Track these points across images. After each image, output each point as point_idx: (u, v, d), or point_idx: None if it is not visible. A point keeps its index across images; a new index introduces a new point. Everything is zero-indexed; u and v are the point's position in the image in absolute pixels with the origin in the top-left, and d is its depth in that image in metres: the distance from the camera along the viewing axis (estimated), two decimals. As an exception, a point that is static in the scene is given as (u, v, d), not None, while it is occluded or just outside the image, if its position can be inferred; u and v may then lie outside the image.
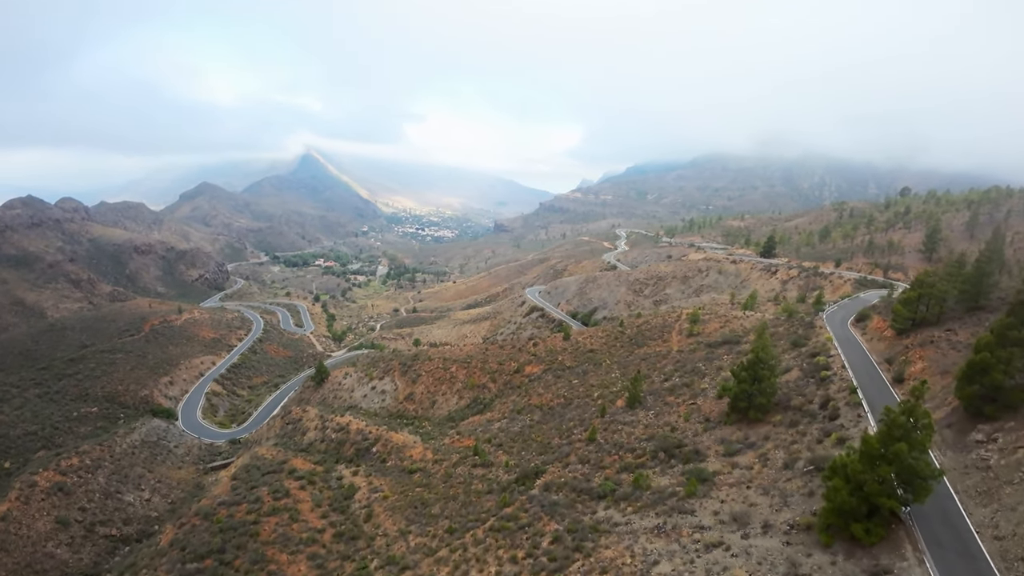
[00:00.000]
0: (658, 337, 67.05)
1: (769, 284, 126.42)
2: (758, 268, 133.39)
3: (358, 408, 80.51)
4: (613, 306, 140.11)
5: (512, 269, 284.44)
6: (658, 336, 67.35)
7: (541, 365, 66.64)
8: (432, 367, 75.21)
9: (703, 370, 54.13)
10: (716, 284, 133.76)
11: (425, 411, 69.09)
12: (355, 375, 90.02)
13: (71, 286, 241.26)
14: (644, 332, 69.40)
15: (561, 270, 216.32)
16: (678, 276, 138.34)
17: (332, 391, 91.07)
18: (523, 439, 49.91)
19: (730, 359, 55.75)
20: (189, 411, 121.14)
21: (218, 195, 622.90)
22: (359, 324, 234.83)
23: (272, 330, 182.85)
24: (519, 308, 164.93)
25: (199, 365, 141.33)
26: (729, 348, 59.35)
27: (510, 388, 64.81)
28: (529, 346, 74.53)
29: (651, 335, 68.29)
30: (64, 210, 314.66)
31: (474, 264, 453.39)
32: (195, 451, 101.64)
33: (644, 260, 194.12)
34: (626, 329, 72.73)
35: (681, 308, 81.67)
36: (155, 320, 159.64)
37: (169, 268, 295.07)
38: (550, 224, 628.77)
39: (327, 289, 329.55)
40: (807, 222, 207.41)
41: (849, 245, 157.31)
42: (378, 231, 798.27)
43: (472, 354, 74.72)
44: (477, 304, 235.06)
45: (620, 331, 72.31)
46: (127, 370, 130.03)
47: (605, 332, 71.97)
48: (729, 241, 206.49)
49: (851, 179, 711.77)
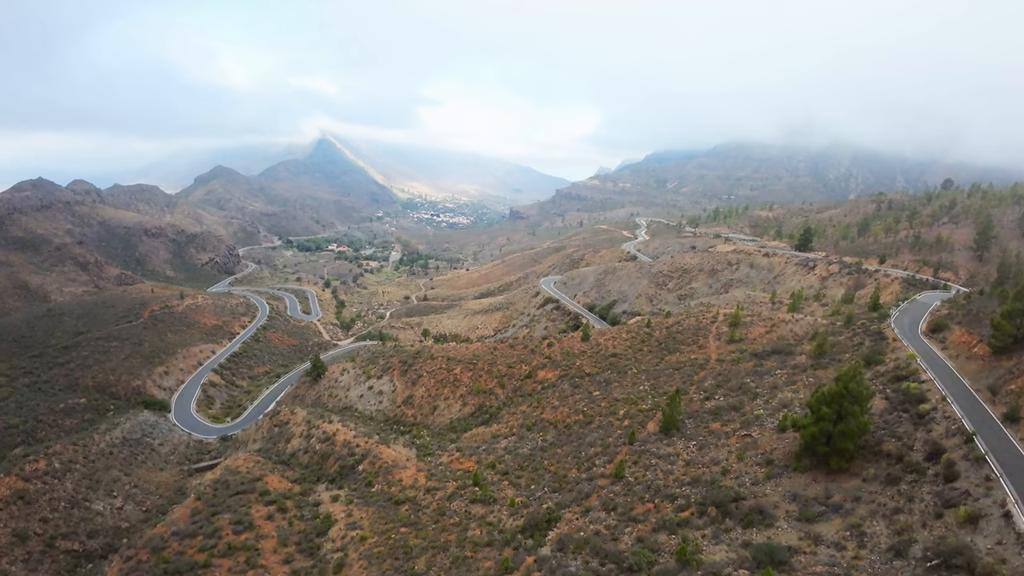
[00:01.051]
0: (692, 342, 57.83)
1: (806, 280, 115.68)
2: (793, 262, 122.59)
3: (353, 410, 72.70)
4: (634, 300, 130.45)
5: (527, 257, 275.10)
6: (692, 341, 58.13)
7: (556, 370, 57.83)
8: (434, 367, 66.98)
9: (753, 389, 44.91)
10: (747, 279, 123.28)
11: (424, 417, 61.02)
12: (352, 372, 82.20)
13: (78, 269, 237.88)
14: (675, 335, 60.14)
15: (578, 259, 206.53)
16: (705, 269, 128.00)
17: (328, 388, 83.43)
18: (533, 466, 41.40)
19: (785, 375, 46.40)
20: (183, 403, 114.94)
21: (233, 179, 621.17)
22: (368, 311, 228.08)
23: (278, 317, 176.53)
24: (533, 299, 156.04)
25: (198, 354, 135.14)
26: (781, 360, 49.94)
27: (520, 396, 56.32)
28: (543, 347, 66.08)
29: (684, 339, 59.06)
30: (75, 192, 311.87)
31: (488, 251, 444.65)
32: (182, 449, 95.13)
33: (666, 251, 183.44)
34: (654, 331, 63.65)
35: (716, 307, 72.25)
36: (155, 306, 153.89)
37: (179, 252, 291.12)
38: (567, 212, 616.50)
39: (339, 275, 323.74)
40: (842, 214, 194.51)
41: (892, 240, 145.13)
42: (393, 216, 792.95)
43: (479, 354, 66.28)
44: (490, 293, 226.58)
45: (647, 333, 63.37)
46: (121, 359, 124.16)
47: (630, 333, 62.88)
48: (757, 232, 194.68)
49: (878, 171, 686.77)
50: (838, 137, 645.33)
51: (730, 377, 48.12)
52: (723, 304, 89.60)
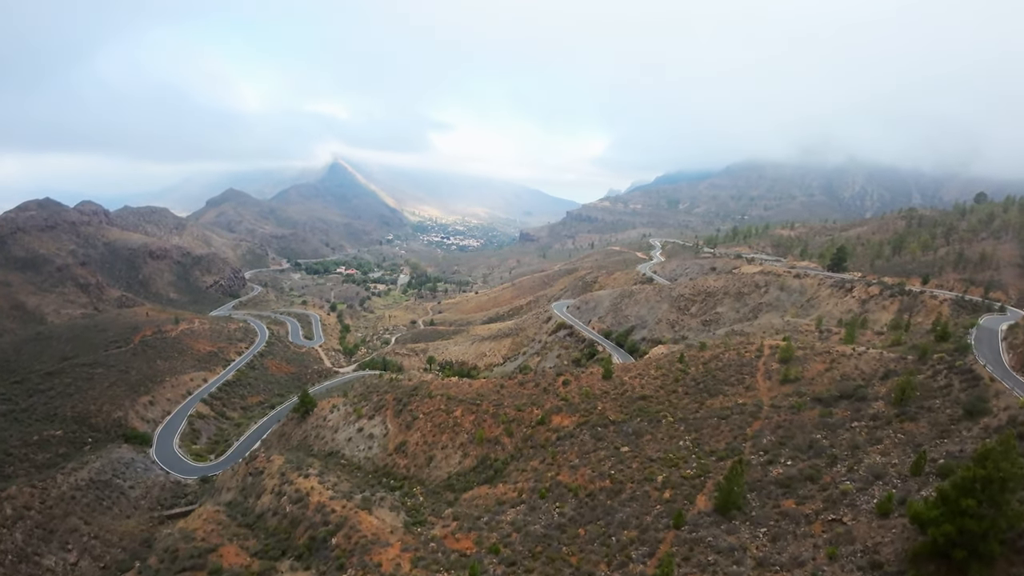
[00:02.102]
0: (737, 382, 48.25)
1: (844, 304, 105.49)
2: (827, 284, 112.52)
3: (339, 455, 63.44)
4: (653, 325, 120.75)
5: (537, 280, 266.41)
6: (736, 380, 48.56)
7: (574, 416, 48.21)
8: (432, 408, 57.79)
9: (828, 449, 35.30)
10: (778, 302, 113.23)
11: (419, 470, 51.73)
12: (343, 409, 73.14)
13: (78, 290, 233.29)
14: (715, 372, 50.51)
15: (591, 282, 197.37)
16: (731, 292, 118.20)
17: (315, 427, 74.34)
18: (549, 553, 31.87)
19: (865, 430, 36.72)
20: (166, 437, 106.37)
21: (244, 201, 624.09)
22: (374, 337, 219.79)
23: (277, 343, 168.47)
24: (544, 325, 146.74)
25: (188, 382, 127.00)
26: (854, 408, 40.24)
27: (531, 447, 46.88)
28: (558, 385, 56.33)
29: (726, 377, 49.46)
30: (82, 213, 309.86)
31: (498, 274, 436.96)
32: (155, 492, 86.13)
33: (685, 272, 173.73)
34: (689, 366, 53.96)
35: (759, 337, 62.64)
36: (148, 330, 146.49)
37: (184, 274, 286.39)
38: (577, 233, 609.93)
39: (345, 298, 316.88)
40: (870, 232, 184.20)
41: (932, 258, 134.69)
42: (403, 239, 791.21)
43: (483, 392, 56.86)
44: (499, 318, 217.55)
45: (681, 370, 53.66)
46: (104, 387, 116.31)
47: (660, 370, 53.18)
48: (780, 252, 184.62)
49: (893, 189, 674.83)
50: (855, 154, 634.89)
51: (794, 431, 38.52)
52: (760, 331, 79.82)
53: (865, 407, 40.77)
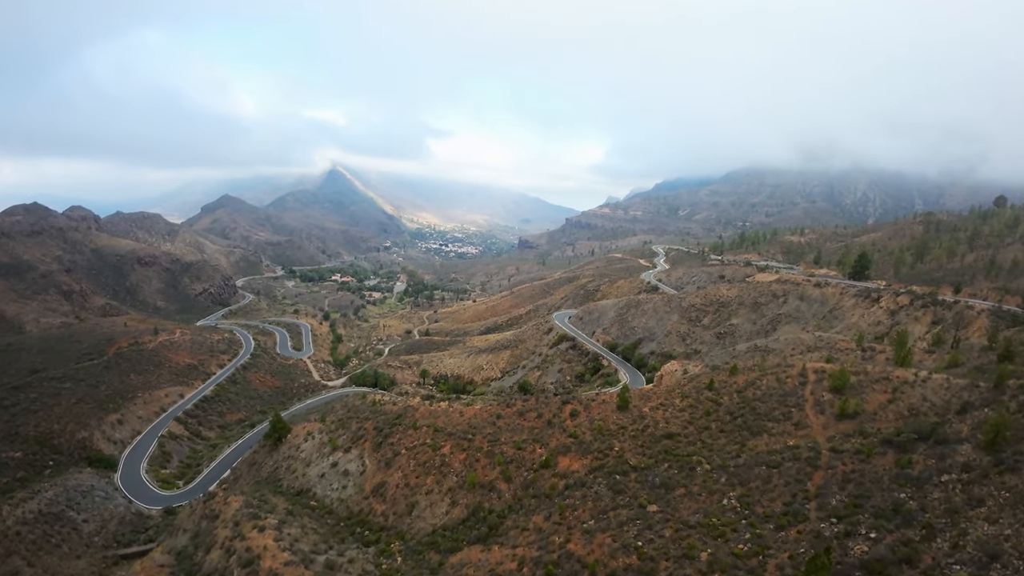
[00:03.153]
0: (782, 416, 39.88)
1: (871, 315, 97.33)
2: (851, 293, 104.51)
3: (310, 495, 54.94)
4: (663, 338, 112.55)
5: (537, 288, 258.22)
6: (782, 413, 40.20)
7: (585, 458, 39.81)
8: (417, 441, 49.39)
9: (918, 513, 27.11)
10: (798, 313, 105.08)
11: (399, 519, 43.29)
12: (317, 437, 64.66)
13: (61, 298, 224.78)
14: (753, 402, 42.02)
15: (593, 291, 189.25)
16: (746, 302, 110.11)
17: (287, 458, 65.81)
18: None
19: (959, 486, 28.51)
20: (134, 460, 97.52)
21: (240, 208, 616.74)
22: (366, 347, 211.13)
23: (263, 354, 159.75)
24: (545, 336, 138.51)
25: (162, 398, 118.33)
26: (937, 455, 31.97)
27: (533, 496, 38.51)
28: (564, 416, 47.51)
29: (767, 409, 41.05)
30: (70, 219, 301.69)
31: (496, 282, 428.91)
32: (113, 526, 77.27)
33: (692, 281, 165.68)
34: (721, 395, 45.17)
35: (795, 357, 54.35)
36: (124, 342, 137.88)
37: (172, 281, 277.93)
38: (577, 241, 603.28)
39: (339, 306, 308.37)
40: (885, 237, 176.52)
41: (958, 265, 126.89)
42: (401, 246, 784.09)
43: (476, 424, 48.42)
44: (497, 327, 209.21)
45: (712, 399, 44.93)
46: (71, 404, 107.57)
47: (686, 399, 44.64)
48: (791, 259, 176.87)
49: (896, 195, 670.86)
50: (859, 160, 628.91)
51: (868, 487, 30.29)
52: (788, 347, 71.68)
53: (950, 453, 32.49)
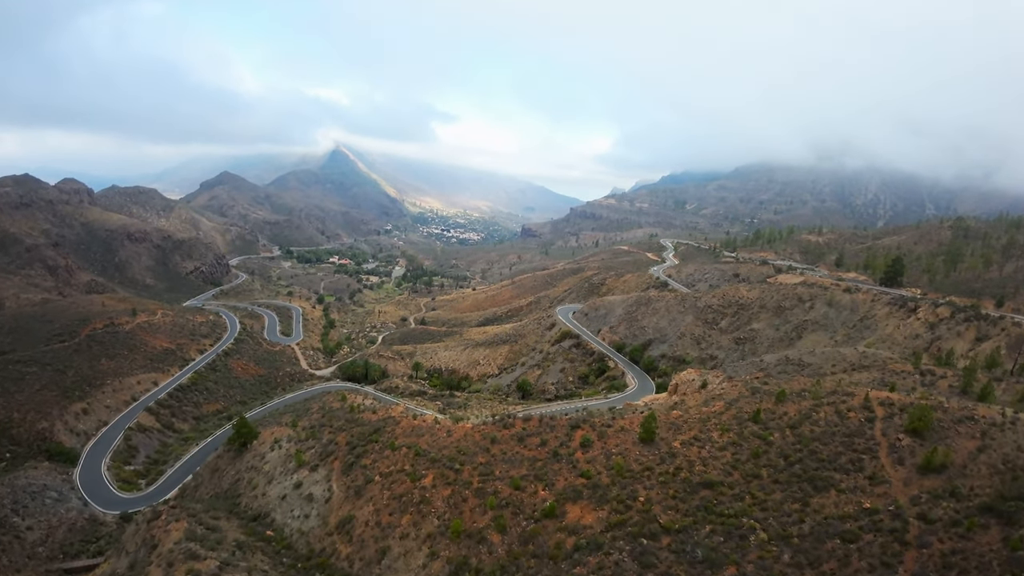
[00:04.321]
0: (851, 464, 31.21)
1: (908, 327, 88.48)
2: (883, 301, 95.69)
3: (267, 521, 46.67)
4: (675, 340, 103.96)
5: (539, 279, 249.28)
6: (850, 460, 31.57)
7: (602, 508, 30.34)
8: (394, 466, 40.86)
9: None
10: (825, 321, 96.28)
11: (365, 568, 34.87)
12: (284, 447, 56.33)
13: (46, 273, 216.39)
14: (811, 443, 33.24)
15: (598, 284, 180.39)
16: (768, 306, 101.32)
17: (250, 468, 57.53)
18: None
19: None
20: (97, 454, 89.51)
21: (239, 185, 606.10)
22: (359, 334, 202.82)
23: (248, 339, 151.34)
24: (547, 332, 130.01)
25: (134, 386, 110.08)
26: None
27: (533, 556, 29.93)
28: (574, 446, 38.72)
29: (831, 454, 32.36)
30: (62, 191, 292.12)
31: (497, 270, 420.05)
32: (61, 533, 69.38)
33: (704, 278, 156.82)
34: (770, 430, 36.50)
35: (844, 379, 45.54)
36: (98, 323, 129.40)
37: (163, 259, 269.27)
38: (581, 231, 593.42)
39: (335, 290, 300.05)
40: (910, 241, 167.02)
41: (996, 275, 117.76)
42: (402, 230, 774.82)
43: (465, 449, 39.62)
44: (496, 319, 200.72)
45: (759, 435, 36.31)
46: (34, 390, 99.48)
47: (725, 433, 35.58)
48: (809, 260, 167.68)
49: (907, 198, 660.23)
50: (873, 160, 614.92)
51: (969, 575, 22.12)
52: (828, 362, 63.03)
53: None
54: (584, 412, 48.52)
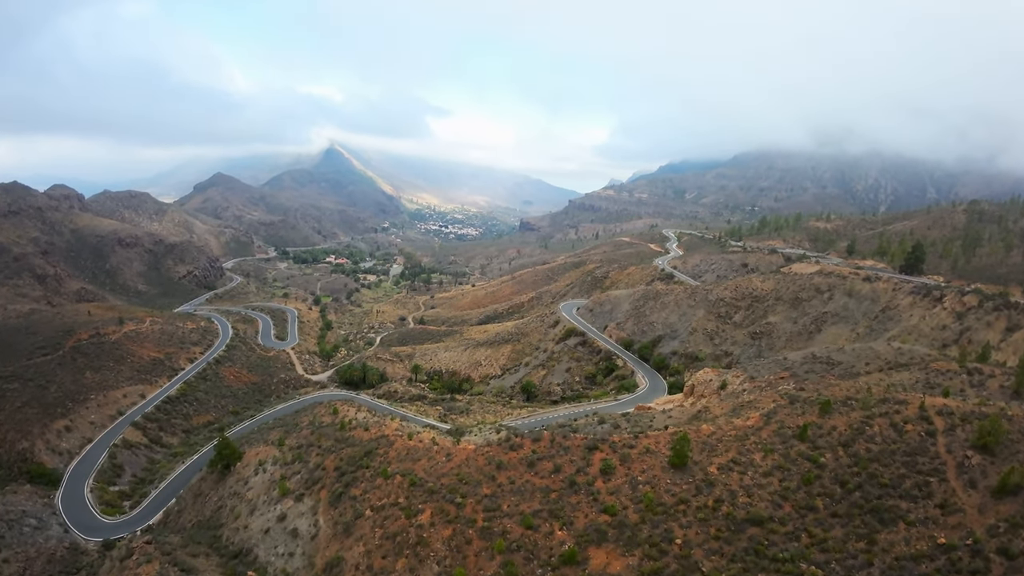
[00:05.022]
0: (917, 489, 26.05)
1: (934, 317, 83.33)
2: (905, 290, 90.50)
3: (249, 559, 41.72)
4: (687, 336, 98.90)
5: (540, 274, 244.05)
6: (914, 484, 26.66)
7: (632, 553, 24.57)
8: (387, 498, 35.78)
9: None
10: (845, 312, 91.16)
11: (357, 619, 30.18)
12: (270, 470, 51.37)
13: (35, 282, 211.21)
14: (869, 465, 28.17)
15: (601, 277, 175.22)
16: (784, 298, 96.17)
17: (233, 493, 52.61)
18: None
19: None
20: (80, 475, 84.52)
21: (233, 187, 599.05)
22: (357, 335, 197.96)
23: (241, 345, 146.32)
24: (551, 330, 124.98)
25: (120, 400, 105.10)
26: None
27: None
28: (593, 473, 33.36)
29: (893, 476, 27.37)
30: (51, 198, 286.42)
31: (497, 265, 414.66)
32: (39, 566, 64.18)
33: (711, 269, 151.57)
34: (820, 450, 31.58)
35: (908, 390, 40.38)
36: (84, 333, 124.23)
37: (155, 263, 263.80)
38: (580, 223, 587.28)
39: (332, 290, 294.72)
40: (923, 226, 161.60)
41: (1019, 260, 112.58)
42: (399, 227, 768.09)
43: (467, 476, 34.33)
44: (497, 316, 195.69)
45: (809, 458, 31.31)
46: (15, 408, 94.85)
47: (770, 456, 29.75)
48: (819, 248, 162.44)
49: (908, 182, 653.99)
50: (874, 144, 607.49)
51: None
52: (861, 360, 58.02)
53: None
54: (600, 426, 43.44)
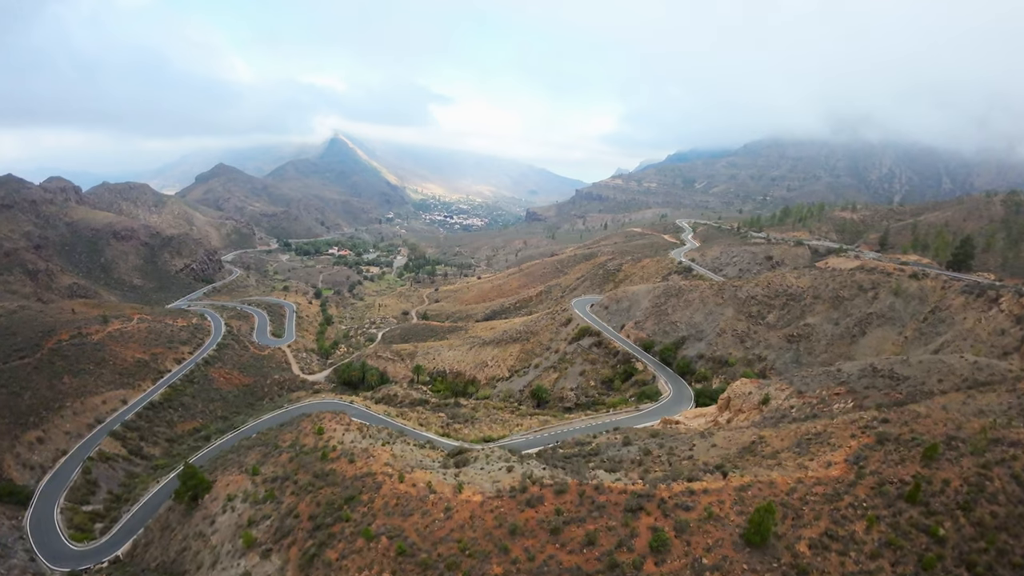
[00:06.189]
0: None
1: (991, 321, 74.01)
2: (956, 289, 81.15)
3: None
4: (714, 338, 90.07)
5: (548, 266, 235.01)
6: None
7: None
8: (368, 568, 27.55)
9: None
10: (892, 313, 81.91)
11: None
12: (239, 508, 43.35)
13: (26, 278, 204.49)
14: (996, 539, 20.32)
15: (614, 271, 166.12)
16: (823, 296, 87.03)
17: (198, 534, 44.76)
18: None
19: None
20: (52, 491, 77.11)
21: (235, 177, 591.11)
22: (358, 331, 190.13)
23: (234, 343, 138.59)
24: (563, 329, 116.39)
25: (99, 407, 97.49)
26: None
27: None
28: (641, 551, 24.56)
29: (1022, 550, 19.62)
30: (46, 190, 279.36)
31: (503, 256, 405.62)
32: (-6, 602, 57.04)
33: (732, 261, 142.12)
34: (937, 517, 23.33)
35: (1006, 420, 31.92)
36: (64, 334, 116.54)
37: (151, 256, 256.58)
38: (587, 213, 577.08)
39: (334, 283, 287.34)
40: (958, 218, 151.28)
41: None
42: (404, 218, 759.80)
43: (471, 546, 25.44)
44: (504, 311, 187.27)
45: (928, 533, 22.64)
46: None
47: (876, 529, 22.63)
48: (847, 239, 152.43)
49: (922, 171, 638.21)
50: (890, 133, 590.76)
51: None
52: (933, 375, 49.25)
53: None
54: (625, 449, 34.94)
